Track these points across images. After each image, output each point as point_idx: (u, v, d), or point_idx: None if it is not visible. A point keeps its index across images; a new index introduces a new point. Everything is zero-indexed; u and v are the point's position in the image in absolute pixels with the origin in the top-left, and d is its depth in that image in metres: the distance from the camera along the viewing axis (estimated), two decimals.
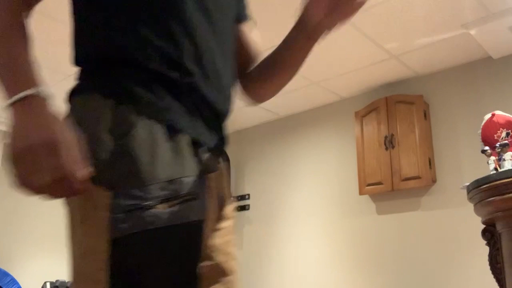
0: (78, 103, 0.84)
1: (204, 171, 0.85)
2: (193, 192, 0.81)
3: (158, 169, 0.78)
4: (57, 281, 5.38)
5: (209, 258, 0.85)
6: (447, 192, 3.81)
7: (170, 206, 0.78)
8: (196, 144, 0.85)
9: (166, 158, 0.80)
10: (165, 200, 0.78)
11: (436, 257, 3.76)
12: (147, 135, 0.79)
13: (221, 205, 0.91)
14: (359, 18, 3.32)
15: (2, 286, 5.06)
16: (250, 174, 5.31)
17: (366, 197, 4.27)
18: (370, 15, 3.28)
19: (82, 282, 0.76)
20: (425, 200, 3.95)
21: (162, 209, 0.77)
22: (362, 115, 4.28)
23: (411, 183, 3.85)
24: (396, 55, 3.84)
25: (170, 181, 0.79)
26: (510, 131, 2.26)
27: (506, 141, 2.17)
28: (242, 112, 5.04)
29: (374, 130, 4.14)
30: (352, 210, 4.35)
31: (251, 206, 5.20)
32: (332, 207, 4.48)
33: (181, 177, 0.80)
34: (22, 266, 5.54)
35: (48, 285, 5.20)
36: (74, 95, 0.87)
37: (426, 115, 3.99)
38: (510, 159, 2.04)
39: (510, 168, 1.99)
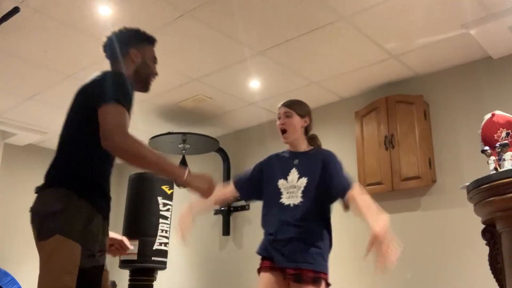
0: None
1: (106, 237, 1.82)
2: (106, 249, 1.82)
3: (100, 237, 1.73)
4: None
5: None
6: (447, 192, 3.81)
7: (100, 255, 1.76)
8: (108, 225, 1.81)
9: (100, 233, 1.74)
10: (100, 251, 1.75)
11: (436, 257, 3.75)
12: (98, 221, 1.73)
13: None
14: (359, 18, 3.32)
15: (2, 286, 5.05)
16: None
17: None
18: (370, 15, 3.28)
19: None
20: (425, 200, 3.94)
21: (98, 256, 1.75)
22: (362, 115, 4.27)
23: (411, 183, 3.85)
24: (396, 55, 3.84)
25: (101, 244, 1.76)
26: (510, 131, 2.26)
27: (506, 141, 2.17)
28: (242, 112, 5.04)
29: (374, 130, 4.14)
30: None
31: (251, 206, 5.19)
32: (332, 207, 4.47)
33: (104, 242, 1.78)
34: (22, 266, 5.53)
35: None
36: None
37: (426, 115, 3.99)
38: (510, 159, 2.03)
39: (510, 168, 1.99)
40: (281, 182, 2.40)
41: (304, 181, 2.35)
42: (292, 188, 2.36)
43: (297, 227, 2.26)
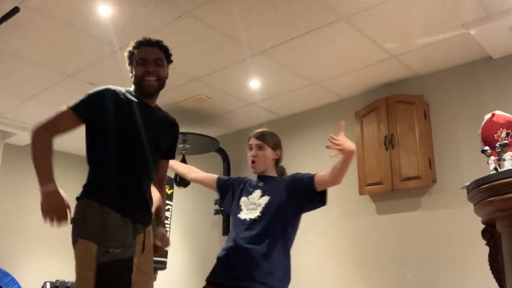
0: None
1: (135, 234, 1.95)
2: (130, 243, 1.91)
3: (118, 234, 1.90)
4: (57, 281, 5.37)
5: (136, 273, 1.93)
6: (447, 192, 3.81)
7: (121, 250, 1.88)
8: (134, 222, 1.96)
9: (120, 231, 1.91)
10: (119, 247, 1.87)
11: (436, 257, 3.75)
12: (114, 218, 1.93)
13: (143, 249, 2.01)
14: (359, 18, 3.32)
15: (2, 286, 5.05)
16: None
17: (366, 197, 4.27)
18: (370, 15, 3.28)
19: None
20: (425, 200, 3.94)
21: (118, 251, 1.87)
22: (362, 115, 4.27)
23: (411, 183, 3.85)
24: (396, 55, 3.84)
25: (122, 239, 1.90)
26: (510, 131, 2.26)
27: (506, 141, 2.17)
28: (242, 112, 5.04)
29: (374, 130, 4.14)
30: (352, 210, 4.35)
31: None
32: (332, 207, 4.45)
33: (126, 237, 1.91)
34: (22, 266, 5.53)
35: (48, 285, 5.20)
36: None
37: (426, 115, 3.99)
38: (510, 159, 2.03)
39: (510, 168, 1.99)
40: (243, 200, 2.47)
41: (266, 199, 2.39)
42: (252, 205, 2.41)
43: (251, 243, 2.29)
